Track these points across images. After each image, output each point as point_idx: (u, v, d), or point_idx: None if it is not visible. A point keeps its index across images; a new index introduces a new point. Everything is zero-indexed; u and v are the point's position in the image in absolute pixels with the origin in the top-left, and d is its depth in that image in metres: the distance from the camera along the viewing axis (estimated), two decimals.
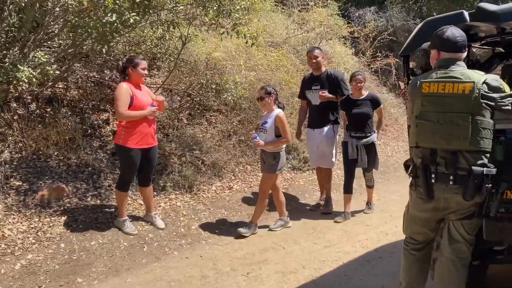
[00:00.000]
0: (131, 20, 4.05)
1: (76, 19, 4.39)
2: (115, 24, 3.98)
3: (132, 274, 3.59)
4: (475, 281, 2.91)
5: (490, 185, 2.28)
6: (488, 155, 2.32)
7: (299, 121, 5.43)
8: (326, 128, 5.03)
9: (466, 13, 2.62)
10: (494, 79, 2.34)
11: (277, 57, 7.15)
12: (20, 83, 4.40)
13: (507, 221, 2.48)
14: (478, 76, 2.32)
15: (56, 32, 4.85)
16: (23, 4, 4.10)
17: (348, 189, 4.91)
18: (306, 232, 4.50)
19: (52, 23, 4.51)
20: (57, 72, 4.28)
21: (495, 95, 2.29)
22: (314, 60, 5.00)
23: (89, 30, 4.11)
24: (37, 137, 4.61)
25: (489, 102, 2.28)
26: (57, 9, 4.40)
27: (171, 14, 4.77)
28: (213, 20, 4.88)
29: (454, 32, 2.42)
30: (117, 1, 4.01)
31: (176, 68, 5.81)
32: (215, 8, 4.63)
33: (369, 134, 4.78)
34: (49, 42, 5.09)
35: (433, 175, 2.39)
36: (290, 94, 6.88)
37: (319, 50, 5.14)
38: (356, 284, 3.41)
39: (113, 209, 4.39)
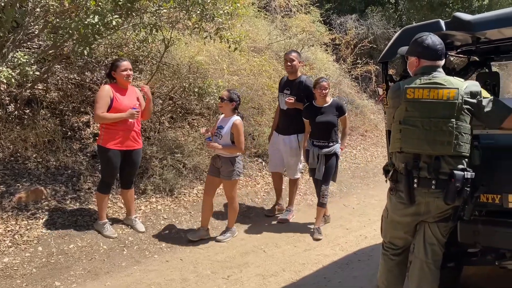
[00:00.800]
0: (114, 22, 4.04)
1: (57, 20, 4.35)
2: (97, 26, 3.95)
3: (112, 277, 3.56)
4: (450, 283, 2.99)
5: (469, 189, 2.33)
6: (466, 159, 2.39)
7: (273, 123, 5.27)
8: (291, 137, 4.88)
9: (442, 22, 2.71)
10: (474, 84, 2.42)
11: (259, 62, 7.19)
12: None
13: (481, 224, 2.57)
14: (460, 83, 2.39)
15: (36, 32, 4.79)
16: (2, 4, 4.03)
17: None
18: (286, 235, 4.54)
19: (32, 24, 4.46)
20: (37, 73, 4.23)
21: (475, 100, 2.36)
22: (289, 63, 4.85)
23: (71, 31, 4.07)
24: (15, 139, 4.53)
25: (470, 108, 2.36)
26: (38, 9, 4.36)
27: (154, 17, 4.76)
28: (196, 24, 4.89)
29: (434, 40, 2.47)
30: (100, 3, 4.00)
31: (158, 71, 5.79)
32: (198, 12, 4.64)
33: (331, 144, 4.53)
34: (29, 43, 5.02)
35: (415, 180, 2.41)
36: (272, 99, 6.94)
37: (296, 53, 4.97)
38: (336, 286, 3.45)
39: (92, 212, 4.34)
